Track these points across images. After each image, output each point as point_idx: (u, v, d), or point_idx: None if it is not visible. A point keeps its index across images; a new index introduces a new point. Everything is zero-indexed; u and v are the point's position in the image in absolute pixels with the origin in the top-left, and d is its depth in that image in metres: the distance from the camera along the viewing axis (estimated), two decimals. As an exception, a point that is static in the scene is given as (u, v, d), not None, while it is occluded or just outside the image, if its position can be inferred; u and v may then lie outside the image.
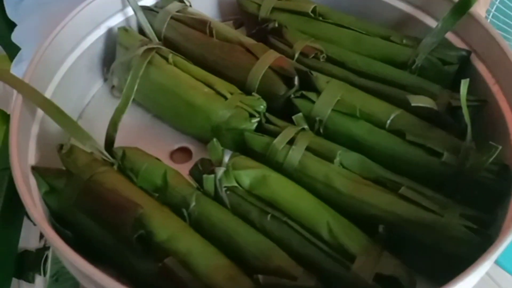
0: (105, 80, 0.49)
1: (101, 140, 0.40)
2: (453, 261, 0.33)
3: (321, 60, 0.44)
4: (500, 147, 0.34)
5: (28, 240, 0.73)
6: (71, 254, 0.27)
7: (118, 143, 0.41)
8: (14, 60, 0.65)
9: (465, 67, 0.42)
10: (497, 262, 0.47)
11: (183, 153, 0.44)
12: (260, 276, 0.30)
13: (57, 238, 0.28)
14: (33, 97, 0.36)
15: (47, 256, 0.67)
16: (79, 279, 0.30)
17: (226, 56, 0.44)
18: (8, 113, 0.47)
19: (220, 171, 0.35)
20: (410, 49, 0.43)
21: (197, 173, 0.37)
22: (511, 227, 0.30)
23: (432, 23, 0.45)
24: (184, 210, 0.34)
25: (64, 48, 0.43)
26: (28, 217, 0.59)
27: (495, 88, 0.41)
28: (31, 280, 0.49)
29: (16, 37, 0.66)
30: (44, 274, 0.58)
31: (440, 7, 0.43)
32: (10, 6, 0.67)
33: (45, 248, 0.71)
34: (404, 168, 0.37)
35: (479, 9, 0.45)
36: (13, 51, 0.66)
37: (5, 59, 0.85)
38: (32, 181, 0.35)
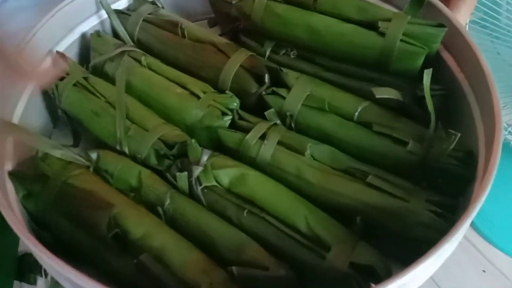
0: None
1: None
2: (422, 245, 0.34)
3: (292, 56, 0.45)
4: (459, 135, 0.35)
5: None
6: (46, 253, 0.28)
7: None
8: None
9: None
10: (487, 238, 0.49)
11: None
12: (234, 268, 0.31)
13: (32, 238, 0.29)
14: (2, 126, 0.37)
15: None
16: (56, 278, 0.31)
17: (198, 56, 0.44)
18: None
19: (197, 170, 0.36)
20: (379, 36, 0.43)
21: (176, 172, 0.37)
22: (472, 211, 0.31)
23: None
24: (159, 208, 0.35)
25: (37, 54, 0.44)
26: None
27: (460, 76, 0.42)
28: (33, 282, 0.50)
29: None
30: (46, 276, 0.58)
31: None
32: None
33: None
34: (372, 158, 0.38)
35: (461, 16, 0.45)
36: None
37: None
38: (10, 186, 0.36)
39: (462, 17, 0.44)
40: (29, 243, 0.29)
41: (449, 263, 0.35)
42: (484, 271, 0.48)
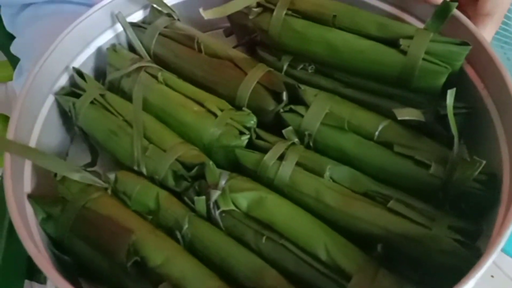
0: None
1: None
2: (444, 273, 0.34)
3: (309, 71, 0.44)
4: (484, 162, 0.34)
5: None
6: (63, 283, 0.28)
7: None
8: (15, 72, 0.67)
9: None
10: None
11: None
12: (252, 296, 0.31)
13: (50, 269, 0.29)
14: (15, 150, 0.36)
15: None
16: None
17: (215, 72, 0.44)
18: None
19: (215, 194, 0.36)
20: (401, 54, 0.42)
21: (194, 194, 0.37)
22: (499, 241, 0.30)
23: (418, 25, 0.45)
24: (177, 233, 0.35)
25: (54, 72, 0.44)
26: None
27: (484, 93, 0.41)
28: (43, 281, 0.50)
29: (14, 49, 0.67)
30: None
31: (425, 9, 0.43)
32: (7, 19, 0.68)
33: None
34: (393, 179, 0.37)
35: (486, 33, 0.44)
36: (14, 58, 0.68)
37: (6, 64, 0.86)
38: (29, 208, 0.36)
39: (488, 33, 0.43)
40: (46, 272, 0.29)
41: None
42: (492, 276, 0.47)
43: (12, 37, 0.68)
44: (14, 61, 0.70)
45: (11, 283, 0.47)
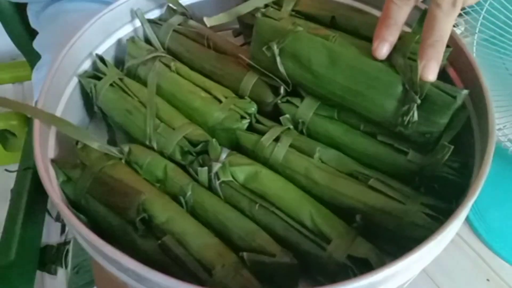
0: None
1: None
2: (415, 246, 0.38)
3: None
4: (452, 147, 0.38)
5: (49, 235, 0.77)
6: (83, 229, 0.33)
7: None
8: (36, 66, 0.71)
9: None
10: (491, 248, 0.52)
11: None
12: (244, 253, 0.35)
13: (71, 216, 0.33)
14: (44, 118, 0.41)
15: (68, 250, 0.71)
16: (90, 253, 0.36)
17: (221, 66, 0.49)
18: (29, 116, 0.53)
19: (216, 166, 0.40)
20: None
21: (197, 166, 0.42)
22: (461, 213, 0.34)
23: (405, 29, 0.50)
24: (181, 198, 0.40)
25: (79, 57, 0.49)
26: (49, 214, 0.64)
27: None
28: (54, 272, 0.52)
29: (37, 44, 0.72)
30: (66, 267, 0.62)
31: (411, 15, 0.48)
32: (32, 15, 0.73)
33: (66, 242, 0.76)
34: (375, 164, 0.42)
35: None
36: (33, 57, 0.73)
37: (25, 64, 0.91)
38: (51, 172, 0.41)
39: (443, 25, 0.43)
40: (69, 220, 0.34)
41: (453, 271, 0.36)
42: (488, 280, 0.49)
43: (31, 36, 0.73)
44: (32, 59, 0.74)
45: (24, 273, 0.49)
